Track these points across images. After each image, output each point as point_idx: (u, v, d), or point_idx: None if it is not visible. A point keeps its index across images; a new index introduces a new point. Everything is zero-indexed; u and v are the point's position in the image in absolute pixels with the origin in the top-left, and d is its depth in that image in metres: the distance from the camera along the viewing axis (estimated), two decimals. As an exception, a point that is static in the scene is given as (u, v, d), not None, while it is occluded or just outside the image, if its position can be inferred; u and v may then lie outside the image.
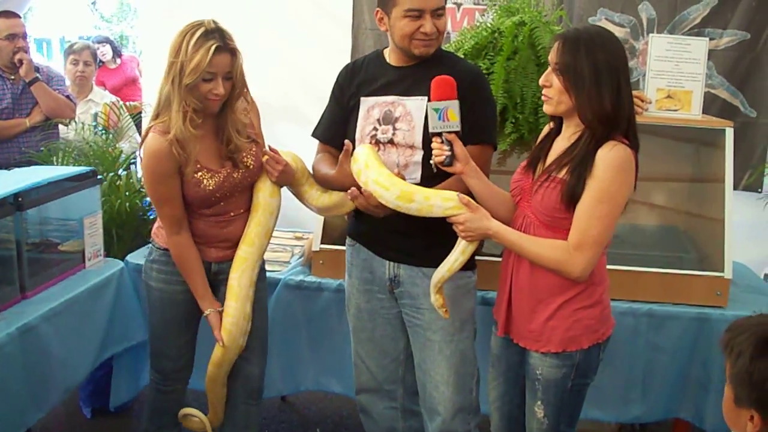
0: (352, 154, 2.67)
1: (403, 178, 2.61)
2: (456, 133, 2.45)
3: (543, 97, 2.46)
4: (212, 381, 2.93)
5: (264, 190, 2.87)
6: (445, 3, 2.69)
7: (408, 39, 2.66)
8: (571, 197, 2.32)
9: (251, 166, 2.83)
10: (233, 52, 2.66)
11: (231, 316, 2.81)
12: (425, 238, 2.65)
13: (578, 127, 2.39)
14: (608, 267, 2.55)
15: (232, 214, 2.85)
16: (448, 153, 2.45)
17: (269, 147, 2.84)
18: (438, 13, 2.64)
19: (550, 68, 2.41)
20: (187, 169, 2.69)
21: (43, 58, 16.65)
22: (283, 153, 2.86)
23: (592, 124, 2.34)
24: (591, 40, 2.34)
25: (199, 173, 2.72)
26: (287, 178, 2.84)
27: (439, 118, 2.44)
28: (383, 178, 2.55)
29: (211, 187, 2.74)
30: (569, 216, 2.35)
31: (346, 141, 2.69)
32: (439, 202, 2.49)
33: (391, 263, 2.81)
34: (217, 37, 2.61)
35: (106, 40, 8.11)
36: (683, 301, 3.25)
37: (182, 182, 2.72)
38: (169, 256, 2.84)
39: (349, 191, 2.59)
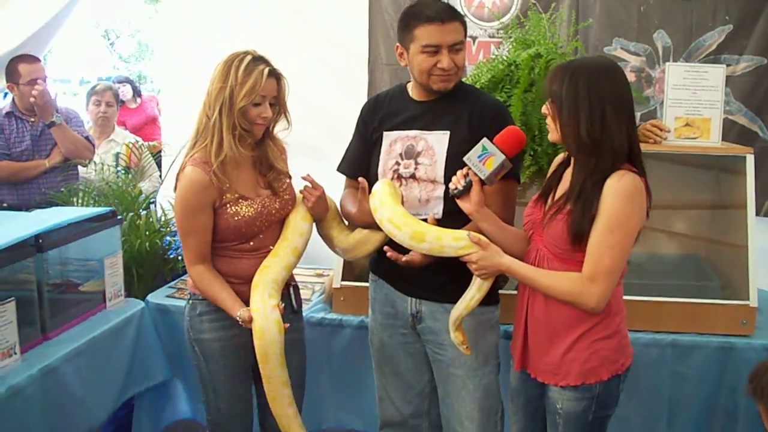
0: (369, 191, 2.67)
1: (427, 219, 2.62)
2: (480, 180, 2.45)
3: None
4: (273, 399, 2.79)
5: (296, 213, 2.85)
6: (464, 38, 2.69)
7: (426, 74, 2.66)
8: (577, 232, 2.32)
9: (287, 197, 2.84)
10: (279, 78, 2.73)
11: (256, 311, 2.70)
12: (446, 274, 2.63)
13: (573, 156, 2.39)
14: (630, 298, 2.54)
15: (271, 247, 2.81)
16: (462, 188, 2.46)
17: (307, 175, 2.83)
18: (456, 48, 2.65)
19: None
20: (225, 196, 2.68)
21: (63, 98, 16.82)
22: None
23: (576, 154, 2.35)
24: (578, 69, 2.34)
25: (237, 204, 2.72)
26: (322, 206, 2.84)
27: (479, 157, 2.45)
28: (397, 216, 2.55)
29: (250, 215, 2.73)
30: (580, 249, 2.33)
31: (361, 179, 2.70)
32: (450, 242, 2.49)
33: (413, 299, 2.80)
34: (265, 63, 2.69)
35: (127, 80, 8.21)
36: (708, 331, 3.21)
37: (217, 216, 2.70)
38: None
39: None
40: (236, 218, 2.71)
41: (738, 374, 3.10)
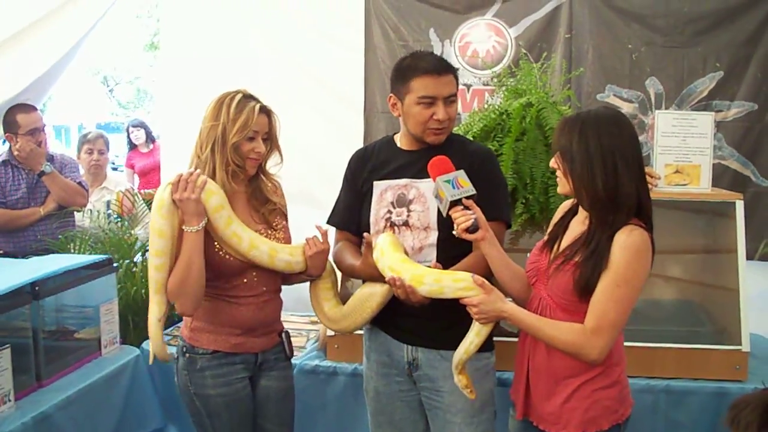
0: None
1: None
2: (472, 197, 2.46)
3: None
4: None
5: (289, 247, 2.83)
6: (457, 90, 2.74)
7: (422, 126, 2.71)
8: (584, 287, 2.32)
9: (281, 236, 2.85)
10: (269, 114, 2.80)
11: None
12: (442, 321, 2.64)
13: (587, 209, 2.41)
14: (624, 344, 2.53)
15: (264, 289, 2.80)
16: (474, 217, 2.44)
17: (319, 226, 2.83)
18: (450, 100, 2.70)
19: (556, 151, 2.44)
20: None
21: (61, 144, 16.94)
22: None
23: (591, 208, 2.36)
24: (587, 123, 2.35)
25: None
26: (321, 261, 2.82)
27: (454, 187, 2.46)
28: (396, 263, 2.55)
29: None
30: (585, 301, 2.34)
31: (366, 234, 2.71)
32: (449, 283, 2.49)
33: (409, 347, 2.79)
34: (256, 100, 2.75)
35: (141, 125, 8.28)
36: (702, 376, 3.22)
37: (207, 253, 2.67)
38: (221, 357, 2.76)
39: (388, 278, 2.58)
40: (226, 254, 2.71)
41: (732, 420, 3.10)
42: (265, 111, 2.77)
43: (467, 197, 2.46)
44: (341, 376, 3.39)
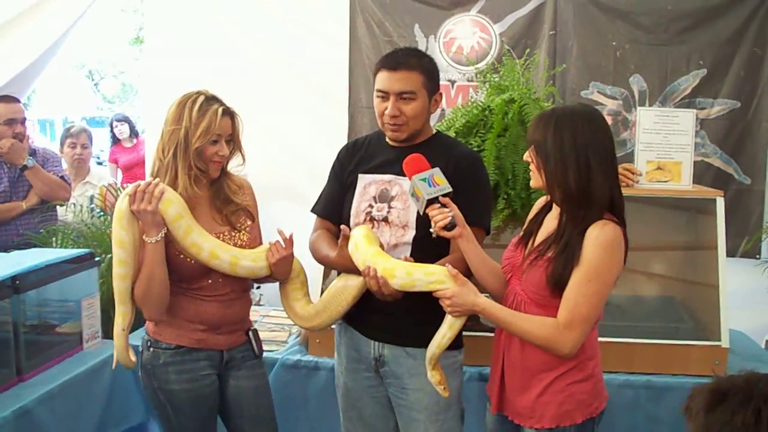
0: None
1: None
2: (449, 194, 2.46)
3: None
4: None
5: (252, 252, 2.78)
6: (428, 89, 2.71)
7: (380, 120, 2.74)
8: (557, 282, 2.34)
9: (246, 239, 2.82)
10: (233, 116, 2.75)
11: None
12: (408, 318, 2.63)
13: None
14: (604, 339, 2.55)
15: (229, 289, 2.78)
16: (451, 214, 2.44)
17: (281, 231, 2.76)
18: (403, 96, 2.67)
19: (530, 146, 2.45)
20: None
21: (45, 138, 16.86)
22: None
23: (563, 204, 2.38)
24: (561, 120, 2.37)
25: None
26: (285, 268, 2.79)
27: (430, 185, 2.46)
28: (369, 256, 2.55)
29: None
30: (558, 295, 2.35)
31: (343, 226, 2.69)
32: (421, 276, 2.48)
33: (376, 342, 2.79)
34: (219, 102, 2.71)
35: (125, 119, 8.27)
36: (681, 372, 3.23)
37: (169, 256, 2.66)
38: (184, 353, 2.75)
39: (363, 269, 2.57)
40: (188, 258, 2.70)
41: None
42: (228, 113, 2.73)
43: (444, 195, 2.46)
44: (323, 371, 3.38)
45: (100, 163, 11.17)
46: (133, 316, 2.73)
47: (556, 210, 2.47)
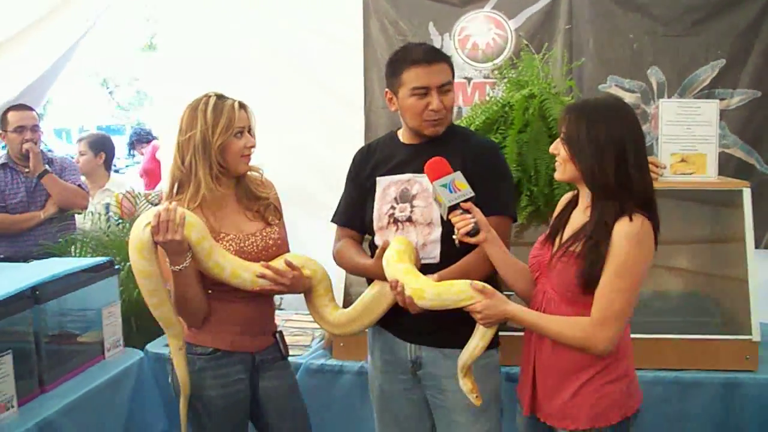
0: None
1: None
2: (471, 199, 2.43)
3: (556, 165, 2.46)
4: None
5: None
6: (452, 79, 2.70)
7: (419, 118, 2.67)
8: (587, 279, 2.30)
9: (274, 239, 2.80)
10: (245, 107, 2.76)
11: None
12: (445, 319, 2.56)
13: (590, 199, 2.37)
14: (632, 336, 2.50)
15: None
16: (474, 221, 2.41)
17: (285, 261, 2.72)
18: (444, 89, 2.65)
19: (559, 137, 2.41)
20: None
21: (62, 144, 16.96)
22: (298, 258, 2.78)
23: (598, 195, 2.33)
24: (594, 112, 2.34)
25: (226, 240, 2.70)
26: (298, 287, 2.77)
27: (451, 191, 2.43)
28: (399, 274, 2.51)
29: (258, 248, 2.74)
30: (589, 292, 2.31)
31: (385, 240, 2.66)
32: (450, 296, 2.44)
33: (412, 345, 2.76)
34: (230, 97, 2.72)
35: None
36: (711, 367, 3.18)
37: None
38: (220, 357, 2.74)
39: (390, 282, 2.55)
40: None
41: (743, 410, 3.09)
42: (243, 106, 2.74)
43: (465, 200, 2.43)
44: (347, 375, 3.36)
45: (116, 171, 11.24)
46: (184, 335, 2.72)
47: (583, 205, 2.42)
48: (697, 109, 3.45)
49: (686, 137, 3.43)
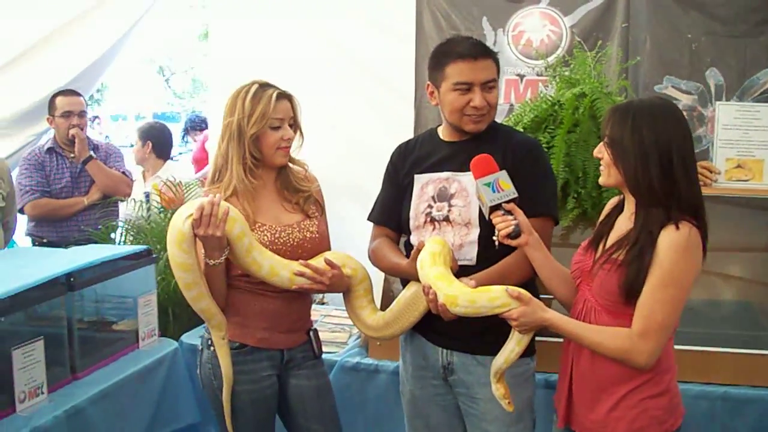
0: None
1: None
2: (514, 200, 2.35)
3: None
4: None
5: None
6: (497, 76, 2.61)
7: (459, 114, 2.59)
8: (630, 289, 2.20)
9: (312, 231, 2.76)
10: (290, 98, 2.71)
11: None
12: (478, 325, 2.47)
13: (635, 205, 2.27)
14: (678, 347, 2.40)
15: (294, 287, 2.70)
16: (515, 222, 2.34)
17: (324, 259, 2.67)
18: (489, 86, 2.57)
19: (603, 140, 2.32)
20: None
21: (119, 131, 17.23)
22: (339, 256, 2.73)
23: (643, 201, 2.23)
24: (639, 114, 2.23)
25: (261, 231, 2.67)
26: (338, 287, 2.72)
27: (494, 191, 2.35)
28: (431, 279, 2.43)
29: (295, 241, 2.69)
30: (631, 302, 2.21)
31: (420, 240, 2.59)
32: (484, 303, 2.34)
33: (444, 350, 2.68)
34: (273, 87, 2.68)
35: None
36: (762, 384, 3.05)
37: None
38: (247, 353, 2.70)
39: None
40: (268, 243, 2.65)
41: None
42: (285, 96, 2.69)
43: (508, 201, 2.34)
44: (383, 374, 3.30)
45: (171, 158, 11.42)
46: (226, 326, 2.65)
47: (628, 211, 2.32)
48: (756, 113, 3.33)
49: (743, 142, 3.31)
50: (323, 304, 4.43)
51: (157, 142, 5.48)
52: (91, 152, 4.52)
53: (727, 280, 3.56)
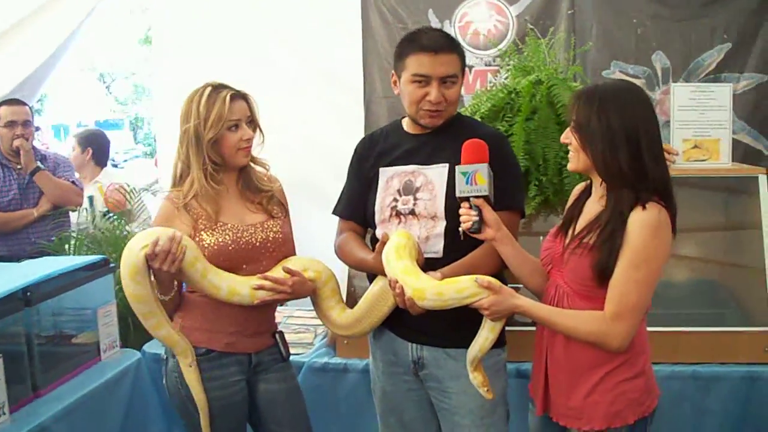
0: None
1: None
2: (484, 197, 2.33)
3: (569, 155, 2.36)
4: None
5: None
6: (461, 72, 2.57)
7: (415, 106, 2.55)
8: (602, 271, 2.20)
9: (276, 232, 2.72)
10: (246, 97, 2.68)
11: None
12: (448, 319, 2.44)
13: (605, 189, 2.27)
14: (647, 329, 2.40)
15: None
16: (476, 218, 2.32)
17: (283, 268, 2.64)
18: (449, 81, 2.53)
19: (570, 125, 2.31)
20: (200, 222, 2.61)
21: (61, 143, 16.91)
22: (300, 261, 2.72)
23: (612, 184, 2.23)
24: (605, 98, 2.23)
25: (207, 231, 2.62)
26: (304, 291, 2.69)
27: (467, 182, 2.33)
28: (398, 274, 2.40)
29: (216, 243, 2.62)
30: (604, 286, 2.21)
31: (384, 233, 2.56)
32: (453, 294, 2.32)
33: (414, 345, 2.65)
34: (227, 88, 2.63)
35: None
36: (730, 360, 3.09)
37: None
38: (213, 359, 2.65)
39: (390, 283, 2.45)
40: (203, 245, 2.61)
41: (764, 404, 2.99)
42: (241, 95, 2.65)
43: (475, 197, 2.32)
44: (352, 373, 3.27)
45: (115, 166, 11.20)
46: (193, 352, 2.63)
47: (597, 194, 2.32)
48: (710, 93, 3.36)
49: (699, 122, 3.34)
50: (283, 305, 4.38)
51: (98, 149, 5.42)
52: (38, 163, 4.42)
53: (691, 261, 3.59)
